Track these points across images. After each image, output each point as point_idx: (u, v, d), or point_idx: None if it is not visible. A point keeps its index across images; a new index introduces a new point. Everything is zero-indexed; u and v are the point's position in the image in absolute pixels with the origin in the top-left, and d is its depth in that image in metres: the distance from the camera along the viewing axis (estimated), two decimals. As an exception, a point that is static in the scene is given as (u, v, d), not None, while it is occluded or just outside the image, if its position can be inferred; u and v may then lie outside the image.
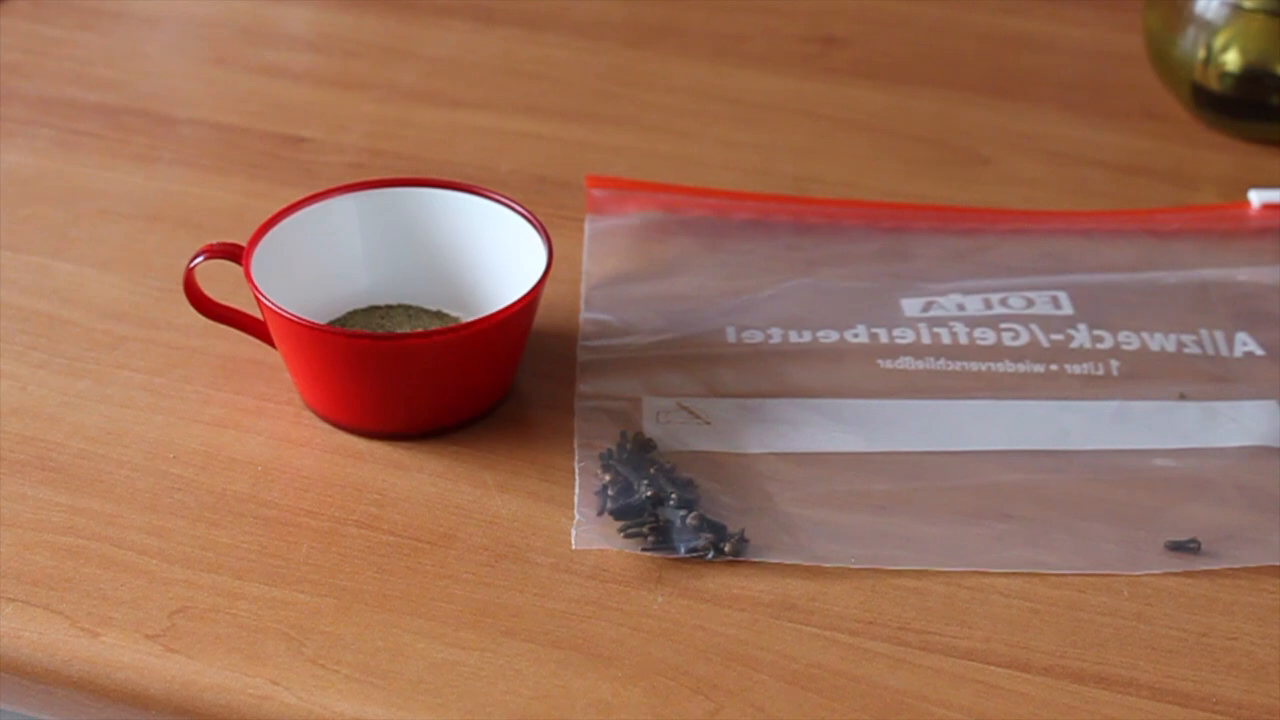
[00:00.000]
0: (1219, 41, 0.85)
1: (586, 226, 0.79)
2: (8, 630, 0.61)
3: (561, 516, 0.65)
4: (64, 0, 0.97)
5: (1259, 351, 0.73)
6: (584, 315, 0.74)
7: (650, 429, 0.68)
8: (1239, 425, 0.69)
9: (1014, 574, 0.63)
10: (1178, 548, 0.64)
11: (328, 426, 0.69)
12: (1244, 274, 0.78)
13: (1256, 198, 0.82)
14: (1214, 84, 0.86)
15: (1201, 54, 0.85)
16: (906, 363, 0.72)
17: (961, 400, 0.70)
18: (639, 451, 0.67)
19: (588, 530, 0.64)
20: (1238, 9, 0.84)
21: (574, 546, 0.64)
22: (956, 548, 0.64)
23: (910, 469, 0.68)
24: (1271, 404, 0.70)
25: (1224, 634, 0.62)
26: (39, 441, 0.69)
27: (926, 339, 0.73)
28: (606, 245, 0.78)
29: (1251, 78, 0.85)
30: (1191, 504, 0.66)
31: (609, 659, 0.60)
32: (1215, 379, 0.72)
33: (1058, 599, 0.63)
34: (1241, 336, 0.74)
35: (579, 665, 0.60)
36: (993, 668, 0.60)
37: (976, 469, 0.68)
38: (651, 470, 0.66)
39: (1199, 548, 0.64)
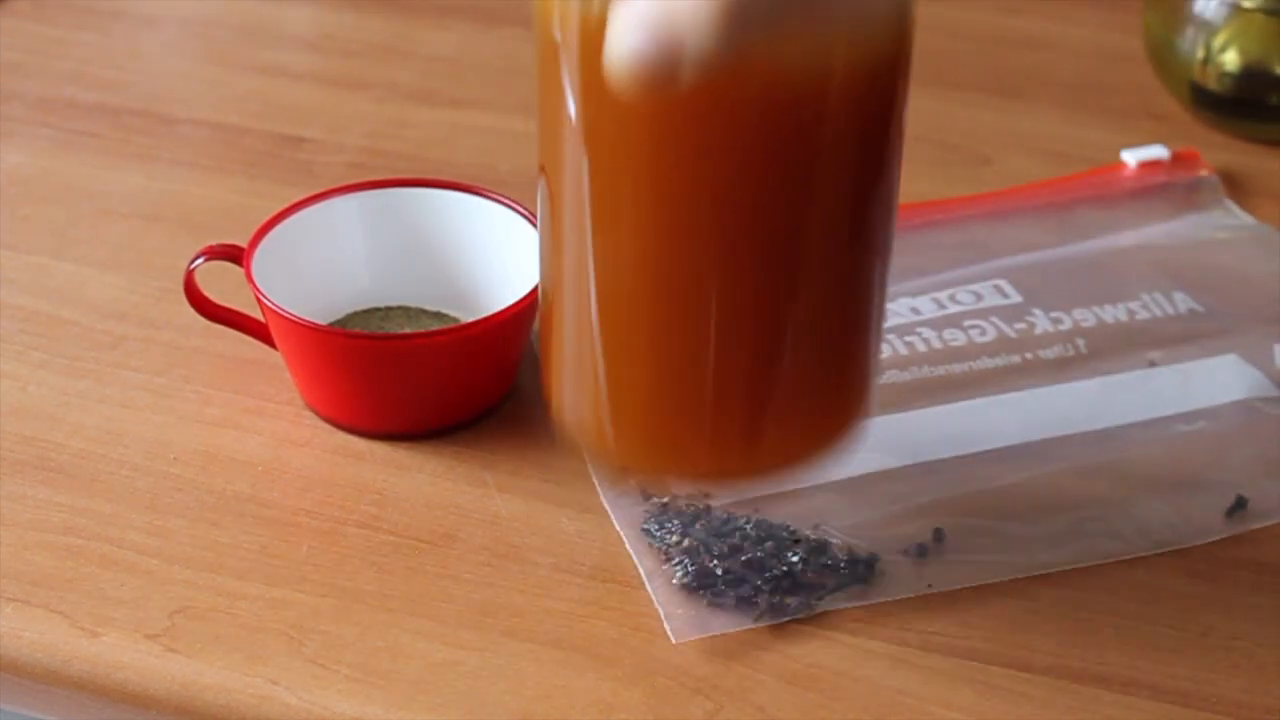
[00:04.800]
0: (1218, 41, 0.85)
1: None
2: (8, 630, 0.61)
3: (561, 516, 0.65)
4: (64, 0, 0.97)
5: (1199, 308, 0.75)
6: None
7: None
8: (1215, 383, 0.71)
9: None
10: (1233, 511, 0.65)
11: (328, 426, 0.69)
12: (1150, 234, 0.80)
13: (1131, 157, 0.84)
14: (1213, 84, 0.86)
15: (1201, 54, 0.85)
16: (894, 376, 0.71)
17: (961, 402, 0.70)
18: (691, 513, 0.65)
19: (683, 620, 0.62)
20: (1237, 9, 0.84)
21: (675, 640, 0.61)
22: (1033, 550, 0.64)
23: (947, 478, 0.67)
24: (1232, 358, 0.72)
25: (1224, 634, 0.62)
26: (39, 441, 0.69)
27: (903, 350, 0.72)
28: None
29: (1251, 77, 0.85)
30: (1218, 465, 0.67)
31: (609, 659, 0.60)
32: (1174, 340, 0.73)
33: (1058, 599, 0.63)
34: (1179, 296, 0.76)
35: (579, 665, 0.60)
36: (993, 668, 0.60)
37: (1007, 468, 0.67)
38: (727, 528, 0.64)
39: (1247, 504, 0.65)
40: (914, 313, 0.74)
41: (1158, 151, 0.84)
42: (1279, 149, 0.86)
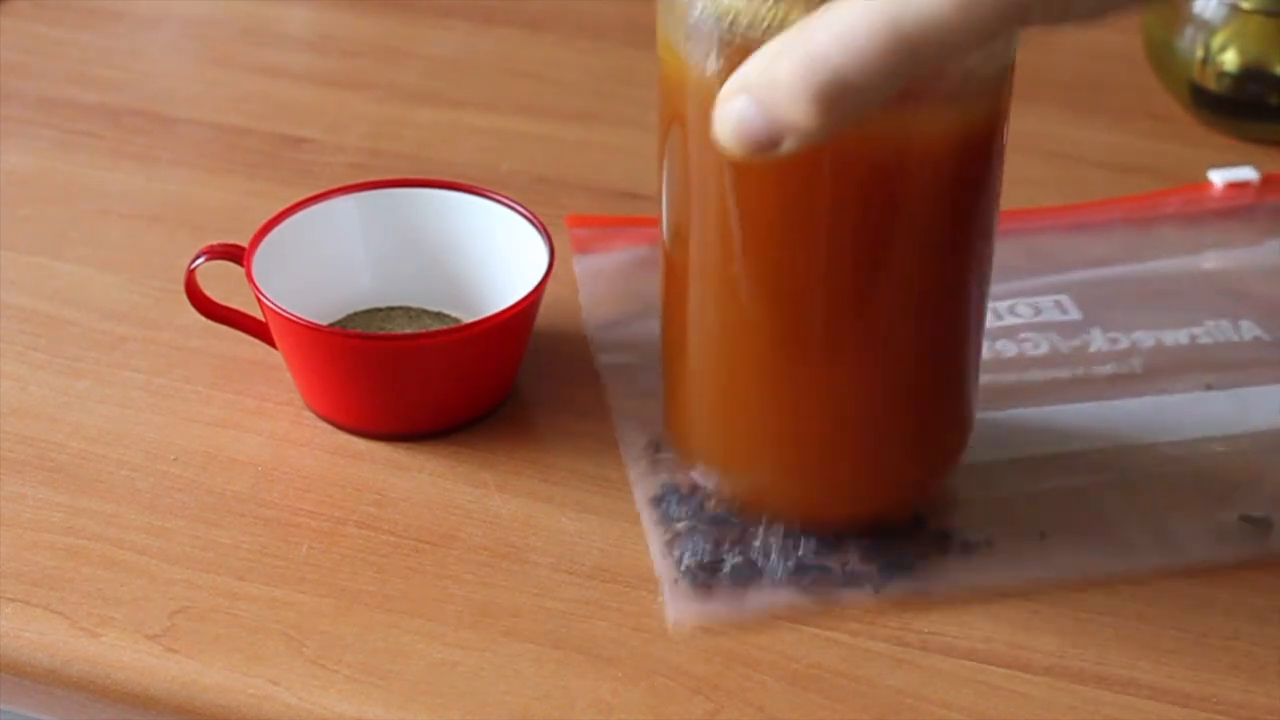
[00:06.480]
0: (1217, 41, 0.85)
1: (576, 267, 0.77)
2: (8, 630, 0.61)
3: (561, 516, 0.66)
4: (64, 0, 0.97)
5: (1266, 337, 0.74)
6: (600, 360, 0.72)
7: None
8: (1268, 409, 0.70)
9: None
10: (1251, 521, 0.65)
11: (328, 426, 0.69)
12: (1228, 258, 0.78)
13: (1218, 178, 0.83)
14: (1212, 84, 0.86)
15: (1200, 54, 0.85)
16: None
17: (1004, 411, 0.69)
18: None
19: (684, 610, 0.62)
20: (1236, 9, 0.85)
21: (673, 624, 0.61)
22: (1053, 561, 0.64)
23: (986, 481, 0.67)
24: None
25: (1224, 634, 0.62)
26: (39, 441, 0.69)
27: None
28: (601, 286, 0.76)
29: (1250, 78, 0.85)
30: (1253, 489, 0.67)
31: (609, 659, 0.60)
32: (1234, 367, 0.72)
33: (1058, 599, 0.63)
34: (1245, 324, 0.74)
35: (579, 665, 0.60)
36: (993, 668, 0.60)
37: (1049, 474, 0.67)
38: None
39: (1271, 524, 0.65)
40: None
41: (1246, 173, 0.82)
42: (1278, 149, 0.86)
